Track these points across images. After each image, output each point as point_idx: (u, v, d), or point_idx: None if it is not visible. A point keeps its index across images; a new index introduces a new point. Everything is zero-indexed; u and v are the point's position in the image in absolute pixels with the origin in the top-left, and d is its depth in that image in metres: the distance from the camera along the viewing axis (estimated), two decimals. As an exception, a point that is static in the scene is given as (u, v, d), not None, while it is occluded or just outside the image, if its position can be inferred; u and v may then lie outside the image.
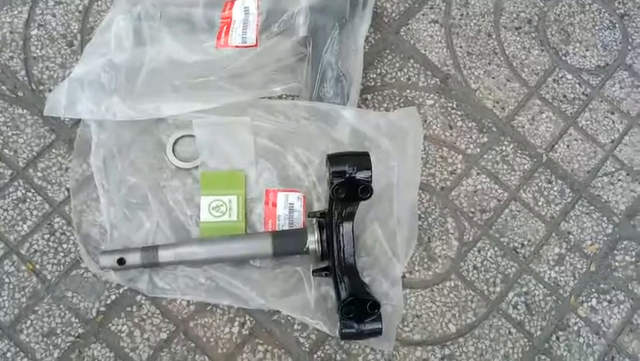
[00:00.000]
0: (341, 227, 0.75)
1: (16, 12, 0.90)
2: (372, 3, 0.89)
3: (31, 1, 0.91)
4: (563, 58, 0.97)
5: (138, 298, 0.78)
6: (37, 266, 0.78)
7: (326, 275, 0.78)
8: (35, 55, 0.88)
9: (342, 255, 0.75)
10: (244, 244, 0.77)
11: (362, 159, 0.72)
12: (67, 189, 0.82)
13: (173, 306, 0.78)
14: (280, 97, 0.87)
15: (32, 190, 0.81)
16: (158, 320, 0.77)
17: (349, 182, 0.71)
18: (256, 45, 0.85)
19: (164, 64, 0.83)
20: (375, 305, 0.72)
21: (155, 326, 0.77)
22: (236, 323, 0.78)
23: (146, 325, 0.77)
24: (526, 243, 0.86)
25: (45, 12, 0.91)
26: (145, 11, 0.84)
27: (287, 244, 0.77)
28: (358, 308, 0.72)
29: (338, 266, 0.75)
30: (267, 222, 0.82)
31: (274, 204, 0.82)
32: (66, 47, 0.89)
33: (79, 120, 0.83)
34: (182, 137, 0.85)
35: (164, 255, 0.75)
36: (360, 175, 0.71)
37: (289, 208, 0.82)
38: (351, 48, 0.83)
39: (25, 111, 0.85)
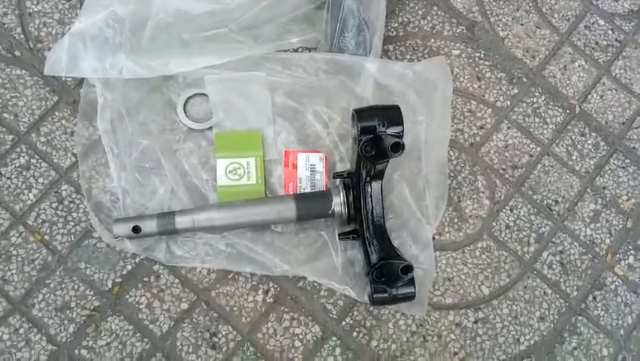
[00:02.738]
0: (369, 187, 0.70)
1: (6, -37, 0.83)
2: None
3: (22, -48, 0.83)
4: (595, 2, 0.91)
5: (156, 267, 0.74)
6: (46, 237, 0.74)
7: (353, 239, 0.73)
8: (31, 10, 0.81)
9: (370, 217, 0.70)
10: (266, 208, 0.73)
11: (392, 113, 0.67)
12: (74, 155, 0.76)
13: (193, 275, 0.74)
14: (297, 49, 0.81)
15: (36, 156, 0.76)
16: (178, 289, 0.73)
17: (379, 138, 0.66)
18: (271, -8, 0.78)
19: (172, 16, 0.76)
20: (408, 268, 0.68)
21: (175, 296, 0.73)
22: (259, 291, 0.75)
23: (165, 295, 0.73)
24: (560, 200, 0.82)
25: (38, -37, 0.83)
26: (149, -42, 0.76)
27: (311, 207, 0.73)
28: (389, 272, 0.68)
29: (367, 229, 0.70)
30: (287, 185, 0.77)
31: (294, 166, 0.77)
32: (64, 1, 0.82)
33: (82, 80, 0.78)
34: (194, 95, 0.79)
35: (181, 221, 0.71)
36: (391, 130, 0.66)
37: (311, 170, 0.77)
38: (374, -7, 0.77)
39: (23, 72, 0.79)
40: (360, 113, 0.67)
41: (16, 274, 0.72)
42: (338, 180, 0.74)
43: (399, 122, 0.66)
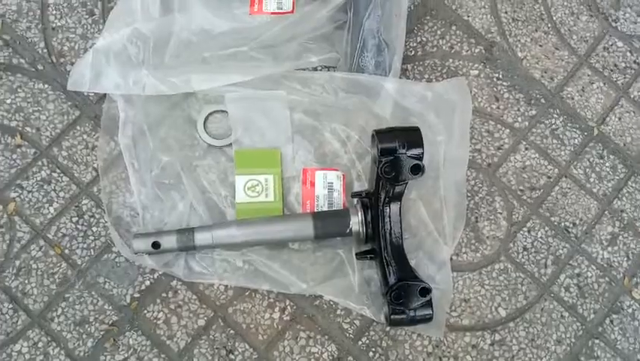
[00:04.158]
0: (388, 208, 0.70)
1: (31, -21, 0.84)
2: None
3: (48, -33, 0.85)
4: (613, 24, 0.91)
5: (174, 283, 0.74)
6: (66, 251, 0.74)
7: (370, 258, 0.74)
8: (54, 25, 0.82)
9: (389, 237, 0.70)
10: (284, 226, 0.73)
11: (413, 135, 0.67)
12: (95, 169, 0.77)
13: (211, 291, 0.74)
14: (316, 68, 0.82)
15: (58, 170, 0.77)
16: (196, 305, 0.74)
17: (398, 159, 0.66)
18: (292, 11, 0.79)
19: (195, 34, 0.77)
20: (427, 290, 0.68)
21: (193, 312, 0.73)
22: (276, 309, 0.75)
23: (182, 311, 0.73)
24: (577, 222, 0.82)
25: (63, -21, 0.84)
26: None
27: (329, 225, 0.73)
28: (407, 293, 0.68)
29: (385, 249, 0.70)
30: (305, 203, 0.77)
31: (312, 184, 0.78)
32: (87, 16, 0.83)
33: (103, 95, 0.78)
34: (213, 112, 0.80)
35: (200, 238, 0.71)
36: (411, 152, 0.66)
37: (328, 188, 0.77)
38: (394, 13, 0.77)
39: (46, 86, 0.80)
40: (381, 135, 0.67)
41: (36, 287, 0.73)
42: (356, 200, 0.74)
43: (419, 144, 0.66)
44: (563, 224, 0.81)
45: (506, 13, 0.90)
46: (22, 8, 0.82)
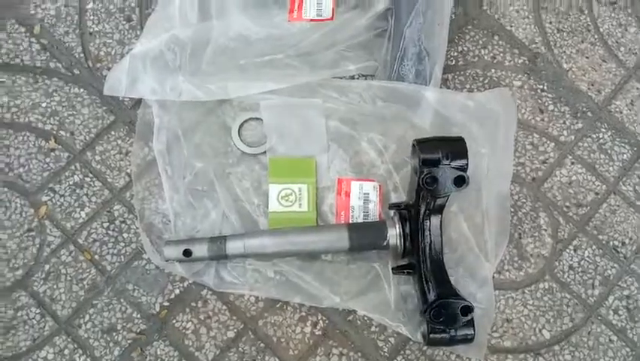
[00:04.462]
0: (428, 221, 0.67)
1: (71, -16, 0.84)
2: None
3: (88, -26, 0.85)
4: (665, 36, 0.87)
5: (204, 292, 0.72)
6: (96, 257, 0.73)
7: (408, 273, 0.70)
8: (92, 30, 0.82)
9: (428, 251, 0.67)
10: (318, 237, 0.70)
11: (457, 145, 0.64)
12: (128, 175, 0.76)
13: (241, 302, 0.72)
14: (353, 77, 0.80)
15: (90, 175, 0.76)
16: (225, 316, 0.71)
17: (441, 171, 0.63)
18: (332, 18, 0.77)
19: (232, 40, 0.76)
20: (469, 309, 0.64)
21: (222, 323, 0.71)
22: (308, 323, 0.72)
23: (212, 322, 0.71)
24: (627, 241, 0.77)
25: (102, -15, 0.85)
26: (212, -19, 0.77)
27: (365, 237, 0.70)
28: (448, 312, 0.65)
29: (424, 264, 0.67)
30: (339, 214, 0.75)
31: (347, 194, 0.75)
32: (124, 22, 0.83)
33: (138, 101, 0.78)
34: (248, 120, 0.78)
35: (233, 247, 0.69)
36: (455, 163, 0.63)
37: (364, 199, 0.75)
38: (437, 22, 0.75)
39: (81, 90, 0.79)
40: (423, 144, 0.64)
41: (64, 293, 0.71)
42: (393, 211, 0.71)
43: (463, 155, 0.64)
44: (611, 243, 0.77)
45: (551, 23, 0.87)
46: (61, 13, 0.83)
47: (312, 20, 0.77)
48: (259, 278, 0.72)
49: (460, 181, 0.62)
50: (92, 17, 0.83)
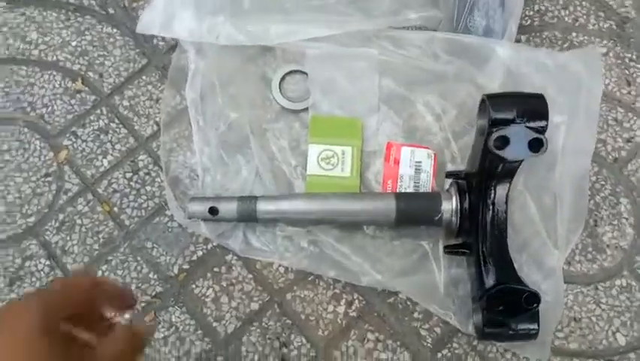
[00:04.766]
0: (493, 192, 0.57)
1: None
2: None
3: None
4: None
5: (229, 257, 0.64)
6: (115, 209, 0.66)
7: (463, 254, 0.61)
8: (134, -31, 0.76)
9: (491, 229, 0.57)
10: (361, 205, 0.62)
11: (535, 103, 0.54)
12: (157, 123, 0.69)
13: (269, 272, 0.64)
14: (413, 28, 0.70)
15: (116, 120, 0.70)
16: (250, 286, 0.64)
17: (515, 132, 0.53)
18: (393, -42, 0.68)
19: (279, -22, 0.68)
20: (535, 298, 0.54)
21: (246, 293, 0.63)
22: (342, 302, 0.63)
23: (235, 291, 0.63)
24: None
25: None
26: None
27: (415, 209, 0.61)
28: (509, 300, 0.55)
29: (483, 243, 0.57)
30: (385, 183, 0.65)
31: (396, 161, 0.66)
32: (165, -38, 0.76)
33: (174, 45, 0.71)
34: (291, 72, 0.70)
35: (264, 208, 0.61)
36: (532, 124, 0.53)
37: (415, 168, 0.65)
38: (515, -32, 0.65)
39: (114, 30, 0.73)
40: (494, 100, 0.54)
41: (77, 245, 0.65)
42: (450, 182, 0.62)
43: (543, 114, 0.53)
44: None
45: (646, -16, 0.75)
46: (100, -51, 0.77)
47: (370, -41, 0.69)
48: (290, 247, 0.64)
49: (538, 145, 0.52)
50: (129, -45, 0.77)
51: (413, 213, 0.61)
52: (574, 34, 0.73)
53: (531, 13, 0.73)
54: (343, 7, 0.69)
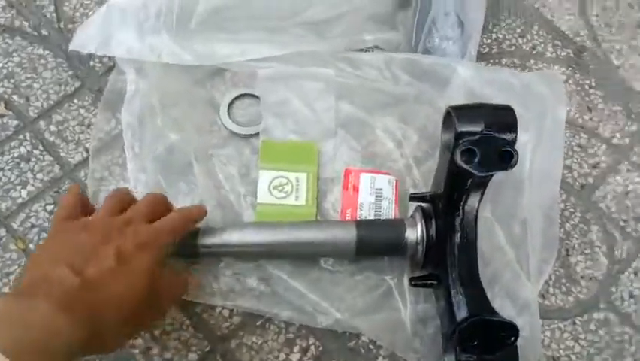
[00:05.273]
0: (461, 214, 0.52)
1: (51, -60, 0.74)
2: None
3: None
4: None
5: (165, 298, 0.56)
6: (32, 246, 0.57)
7: (431, 286, 0.55)
8: (69, -11, 0.71)
9: (460, 255, 0.52)
10: (318, 233, 0.55)
11: (504, 114, 0.50)
12: (87, 150, 0.62)
13: (210, 316, 0.56)
14: (371, 49, 0.67)
15: (41, 147, 0.62)
16: (188, 333, 0.55)
17: (483, 144, 0.49)
18: (348, -23, 0.65)
19: (229, -2, 0.64)
20: (513, 331, 0.48)
21: (183, 343, 0.54)
22: (296, 348, 0.55)
23: (169, 340, 0.54)
24: (701, 268, 0.62)
25: (86, -58, 0.74)
26: None
27: (377, 237, 0.55)
28: (484, 334, 0.49)
29: (453, 271, 0.51)
30: (344, 212, 0.60)
31: (356, 189, 0.60)
32: (107, -17, 0.71)
33: (112, 67, 0.65)
34: (242, 95, 0.65)
35: (206, 241, 0.54)
36: (502, 136, 0.49)
37: (376, 195, 0.60)
38: (472, -10, 0.63)
39: (46, 52, 0.67)
40: (460, 112, 0.50)
41: (-15, 288, 0.55)
42: (414, 209, 0.57)
43: (512, 126, 0.49)
44: (682, 269, 0.62)
45: (597, 16, 0.75)
46: (36, -31, 0.72)
47: (324, -23, 0.66)
48: (237, 286, 0.56)
49: (508, 157, 0.48)
50: (71, -25, 0.72)
51: (376, 242, 0.55)
52: (532, 61, 0.71)
53: (489, 41, 0.72)
54: (296, 28, 0.66)
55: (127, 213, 0.47)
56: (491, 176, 0.49)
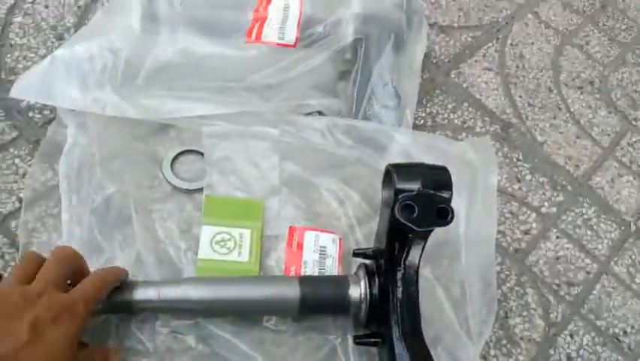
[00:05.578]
0: (404, 268, 0.53)
1: (0, -2, 0.74)
2: (426, 29, 0.76)
3: (22, -11, 0.75)
4: (634, 123, 0.84)
5: (92, 359, 0.51)
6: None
7: (374, 344, 0.54)
8: (13, 42, 0.70)
9: (401, 310, 0.52)
10: (260, 289, 0.54)
11: (441, 174, 0.53)
12: (20, 200, 0.59)
13: (144, 378, 0.52)
14: (314, 114, 0.70)
15: (-32, 196, 0.58)
16: (117, 397, 0.50)
17: (421, 201, 0.50)
18: (295, 45, 0.69)
19: (177, 56, 0.66)
20: (458, 388, 0.48)
21: (111, 407, 0.50)
22: (234, 414, 0.52)
23: (96, 404, 0.50)
24: (629, 330, 0.65)
25: (37, 1, 0.75)
26: (163, -7, 0.69)
27: (321, 293, 0.54)
28: (429, 393, 0.48)
29: (397, 326, 0.51)
30: (288, 269, 0.59)
31: (300, 246, 0.60)
32: (54, 40, 0.71)
33: (52, 119, 0.64)
34: (186, 152, 0.65)
35: (142, 295, 0.51)
36: (438, 194, 0.51)
37: (320, 253, 0.60)
38: (407, 65, 0.68)
39: (-17, 101, 0.65)
40: (399, 170, 0.52)
41: None
42: (357, 266, 0.57)
43: (447, 185, 0.52)
44: (611, 330, 0.64)
45: (521, 97, 0.82)
46: (-20, 22, 0.71)
47: (271, 44, 0.69)
48: (174, 345, 0.53)
49: (444, 213, 0.50)
50: (17, 30, 0.71)
51: (319, 298, 0.54)
52: (464, 134, 0.76)
53: (424, 114, 0.77)
54: (242, 91, 0.67)
55: (37, 281, 0.44)
56: (430, 231, 0.51)
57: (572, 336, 0.63)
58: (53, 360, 0.39)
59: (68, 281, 0.47)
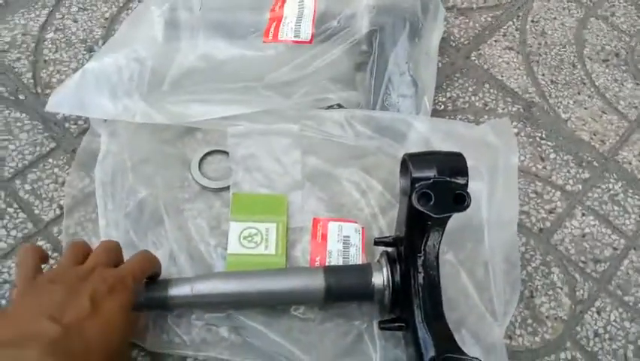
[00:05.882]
0: (423, 254, 0.54)
1: (33, 15, 0.78)
2: (443, 14, 0.76)
3: (52, 6, 0.80)
4: (663, 94, 0.82)
5: (134, 353, 0.56)
6: (3, 302, 0.57)
7: (399, 329, 0.56)
8: (47, 58, 0.75)
9: (424, 295, 0.53)
10: (286, 280, 0.56)
11: (455, 160, 0.54)
12: (60, 207, 0.63)
13: (183, 367, 0.56)
14: (334, 107, 0.72)
15: (15, 205, 0.63)
16: (160, 385, 0.54)
17: (437, 189, 0.52)
18: (311, 41, 0.70)
19: (199, 61, 0.68)
20: (479, 368, 0.49)
21: (155, 394, 0.54)
22: (268, 397, 0.55)
23: (142, 392, 0.54)
24: (659, 305, 0.64)
25: (66, 17, 0.79)
26: (183, 1, 0.71)
27: (345, 281, 0.56)
28: (452, 374, 0.50)
29: (419, 312, 0.53)
30: (313, 260, 0.61)
31: (324, 237, 0.63)
32: (84, 52, 0.76)
33: (87, 129, 0.68)
34: (212, 152, 0.68)
35: (177, 292, 0.54)
36: (454, 180, 0.52)
37: (343, 242, 0.62)
38: (424, 52, 0.69)
39: (23, 115, 0.69)
40: (415, 158, 0.54)
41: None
42: (380, 253, 0.59)
43: (463, 171, 0.53)
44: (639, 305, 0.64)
45: (543, 75, 0.82)
46: (16, 41, 0.76)
47: (287, 41, 0.71)
48: (208, 337, 0.57)
49: (461, 199, 0.51)
50: (49, 46, 0.76)
51: (344, 286, 0.56)
52: (485, 117, 0.76)
53: (444, 99, 0.77)
54: (263, 90, 0.70)
55: (88, 262, 0.49)
56: (448, 217, 0.52)
57: (599, 313, 0.63)
58: (112, 326, 0.44)
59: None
